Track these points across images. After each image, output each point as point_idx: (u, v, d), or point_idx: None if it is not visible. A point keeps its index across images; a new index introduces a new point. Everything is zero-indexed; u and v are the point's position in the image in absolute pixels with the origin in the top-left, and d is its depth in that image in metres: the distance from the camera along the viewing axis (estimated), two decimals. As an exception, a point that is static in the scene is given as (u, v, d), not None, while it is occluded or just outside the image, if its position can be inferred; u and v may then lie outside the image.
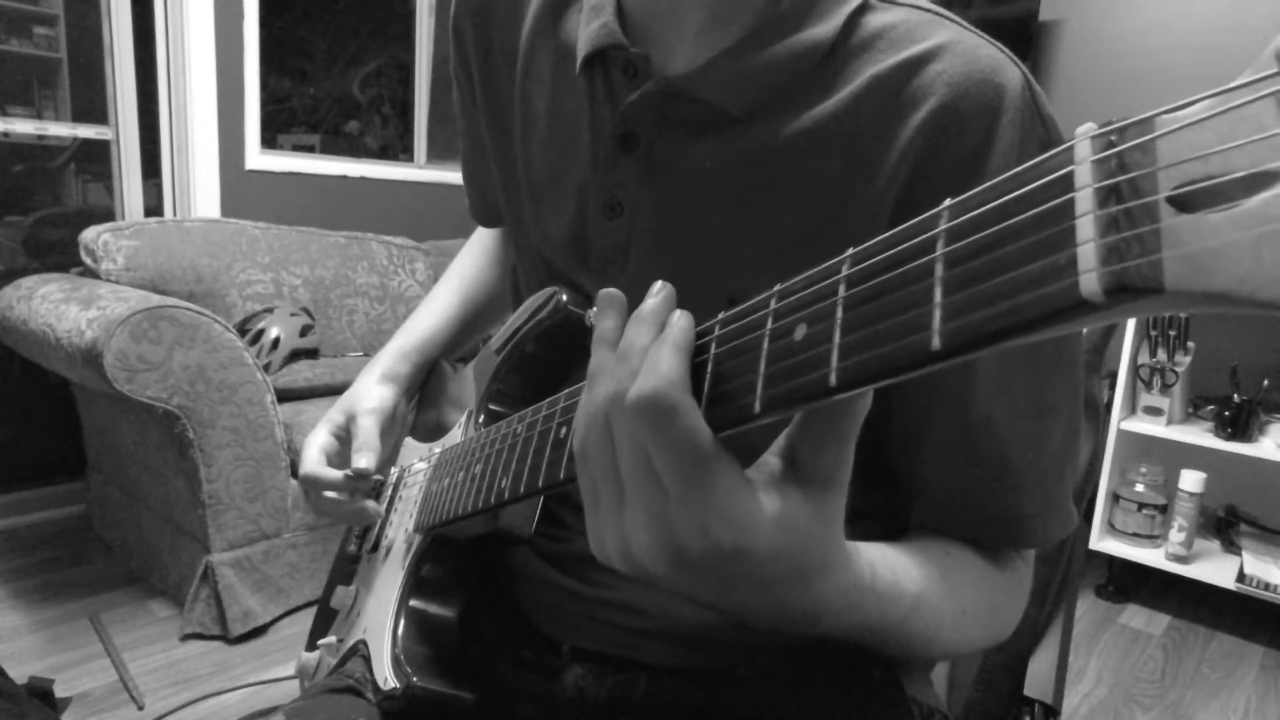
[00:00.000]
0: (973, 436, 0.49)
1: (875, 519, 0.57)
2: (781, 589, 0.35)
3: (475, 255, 0.85)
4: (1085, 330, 0.64)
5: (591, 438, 0.36)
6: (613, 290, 0.38)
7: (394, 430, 0.74)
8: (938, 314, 0.22)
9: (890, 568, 0.43)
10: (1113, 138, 0.19)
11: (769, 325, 0.29)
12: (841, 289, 0.26)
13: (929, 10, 0.51)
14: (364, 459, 0.68)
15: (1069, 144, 0.20)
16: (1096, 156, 0.19)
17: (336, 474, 0.69)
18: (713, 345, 0.33)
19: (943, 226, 0.23)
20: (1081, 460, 0.73)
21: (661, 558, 0.34)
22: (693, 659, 0.58)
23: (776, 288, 0.30)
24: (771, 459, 0.35)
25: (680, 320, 0.34)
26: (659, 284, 0.36)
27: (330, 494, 0.70)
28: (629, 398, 0.32)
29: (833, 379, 0.25)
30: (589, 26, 0.56)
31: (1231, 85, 0.17)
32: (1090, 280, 0.18)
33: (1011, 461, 0.50)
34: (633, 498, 0.34)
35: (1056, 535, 0.53)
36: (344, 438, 0.73)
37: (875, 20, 0.50)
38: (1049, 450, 0.51)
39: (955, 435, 0.50)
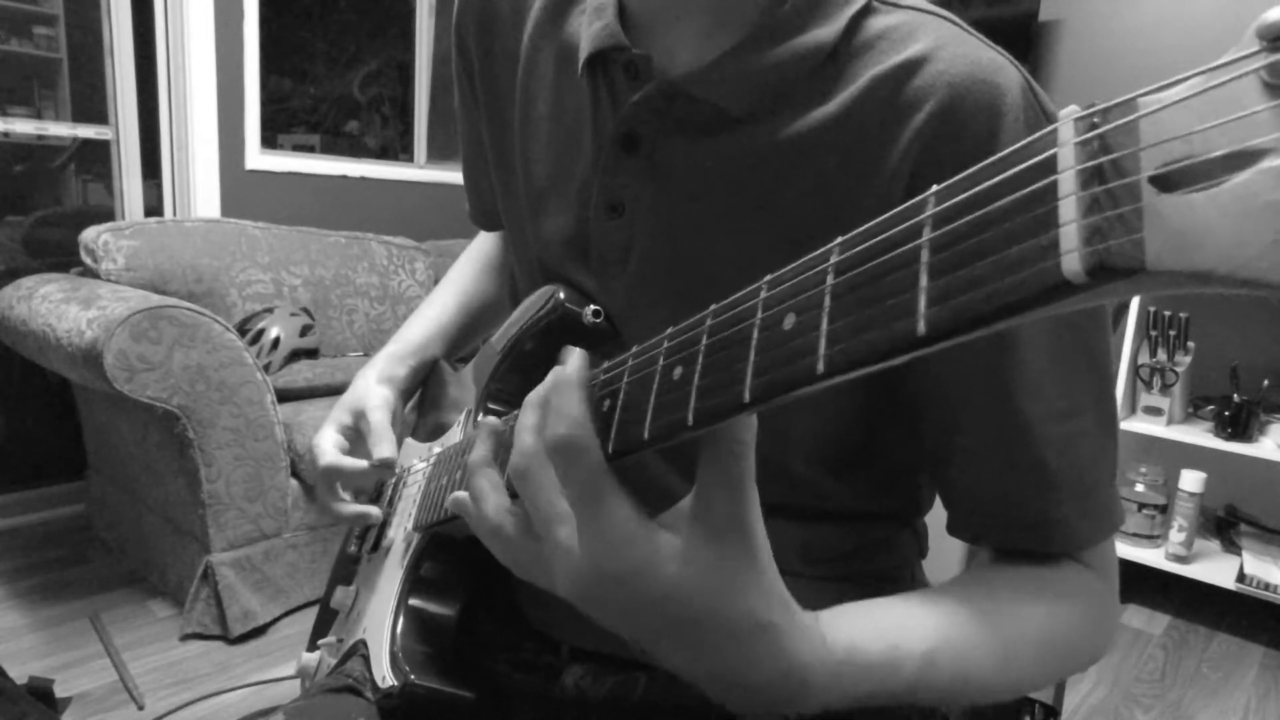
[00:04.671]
0: (1007, 441, 0.49)
1: (904, 521, 0.57)
2: (709, 639, 0.35)
3: (473, 261, 0.85)
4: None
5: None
6: (491, 421, 0.44)
7: (395, 430, 0.74)
8: (923, 299, 0.22)
9: (881, 635, 0.40)
10: (1095, 119, 0.19)
11: (759, 315, 0.29)
12: (830, 277, 0.26)
13: (930, 12, 0.51)
14: (385, 449, 0.68)
15: (1053, 127, 0.20)
16: (1080, 138, 0.19)
17: (360, 463, 0.69)
18: (704, 336, 0.33)
19: (929, 212, 0.23)
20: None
21: (565, 583, 0.38)
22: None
23: (766, 278, 0.30)
24: (686, 500, 0.36)
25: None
26: (573, 354, 0.38)
27: (342, 489, 0.70)
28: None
29: (820, 366, 0.25)
30: (591, 27, 0.55)
31: (1213, 65, 0.17)
32: (1072, 260, 0.18)
33: (1047, 464, 0.49)
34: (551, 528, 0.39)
35: (1097, 538, 0.52)
36: (352, 436, 0.73)
37: (878, 22, 0.50)
38: (1083, 451, 0.50)
39: (989, 441, 0.49)
